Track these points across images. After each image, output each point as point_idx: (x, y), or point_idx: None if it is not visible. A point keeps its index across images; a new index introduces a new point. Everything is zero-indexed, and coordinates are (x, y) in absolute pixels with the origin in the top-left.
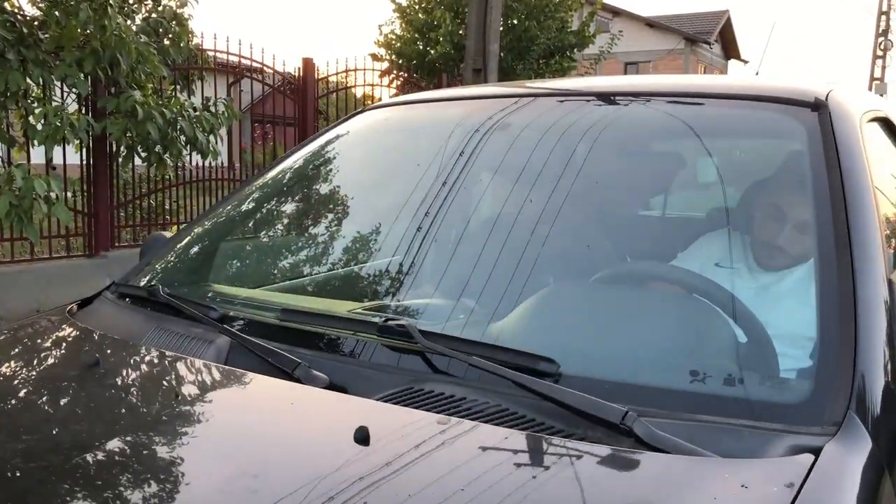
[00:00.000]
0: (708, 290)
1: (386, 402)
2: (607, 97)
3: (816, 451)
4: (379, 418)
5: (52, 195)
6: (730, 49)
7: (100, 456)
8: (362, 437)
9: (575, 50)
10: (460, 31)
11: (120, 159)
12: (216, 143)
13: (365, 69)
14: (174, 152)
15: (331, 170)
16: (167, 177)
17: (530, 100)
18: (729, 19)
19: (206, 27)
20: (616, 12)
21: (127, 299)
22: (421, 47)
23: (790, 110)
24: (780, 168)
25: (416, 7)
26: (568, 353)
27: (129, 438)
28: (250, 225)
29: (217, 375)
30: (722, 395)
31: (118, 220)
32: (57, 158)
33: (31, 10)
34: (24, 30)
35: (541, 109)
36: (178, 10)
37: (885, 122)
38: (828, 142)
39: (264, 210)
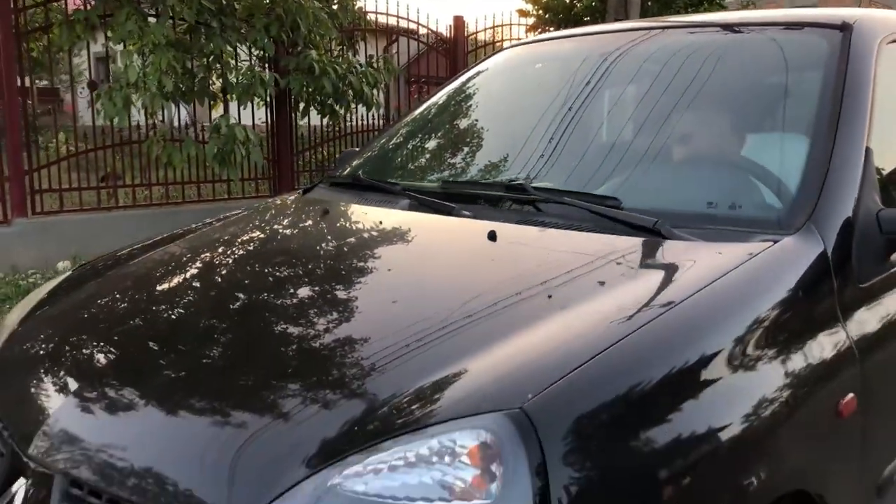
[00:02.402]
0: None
1: (508, 224)
2: (674, 29)
3: (776, 241)
4: (503, 230)
5: (250, 137)
6: None
7: (328, 257)
8: (492, 235)
9: None
10: None
11: (299, 111)
12: (379, 96)
13: (511, 24)
14: (344, 104)
15: (483, 94)
16: (338, 128)
17: (614, 35)
18: None
19: None
20: None
21: (337, 187)
22: (568, 1)
23: (822, 32)
24: (811, 66)
25: None
26: (633, 198)
27: (351, 247)
28: (415, 137)
29: (405, 215)
30: (727, 216)
31: (297, 167)
32: (245, 117)
33: None
34: (223, 1)
35: (617, 41)
36: None
37: None
38: (843, 54)
39: (426, 127)
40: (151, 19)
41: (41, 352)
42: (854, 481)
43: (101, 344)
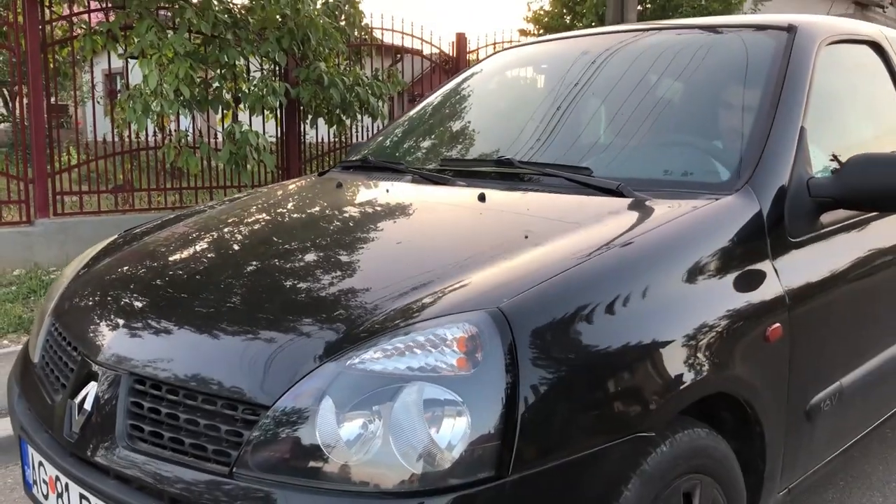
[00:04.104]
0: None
1: (496, 189)
2: (654, 31)
3: (717, 199)
4: (492, 193)
5: (261, 144)
6: None
7: (341, 215)
8: (481, 196)
9: None
10: (605, 5)
11: (308, 120)
12: (384, 107)
13: (512, 41)
14: (351, 114)
15: (475, 92)
16: (343, 139)
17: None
18: None
19: (371, 7)
20: None
21: (348, 169)
22: (568, 21)
23: (772, 32)
24: (758, 60)
25: None
26: (602, 169)
27: (361, 207)
28: (417, 128)
29: (408, 186)
30: (679, 181)
31: (306, 174)
32: (256, 126)
33: (239, 0)
34: (238, 14)
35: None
36: None
37: (847, 42)
38: (787, 50)
39: (426, 120)
40: (169, 32)
41: (100, 291)
42: (782, 400)
43: (154, 282)
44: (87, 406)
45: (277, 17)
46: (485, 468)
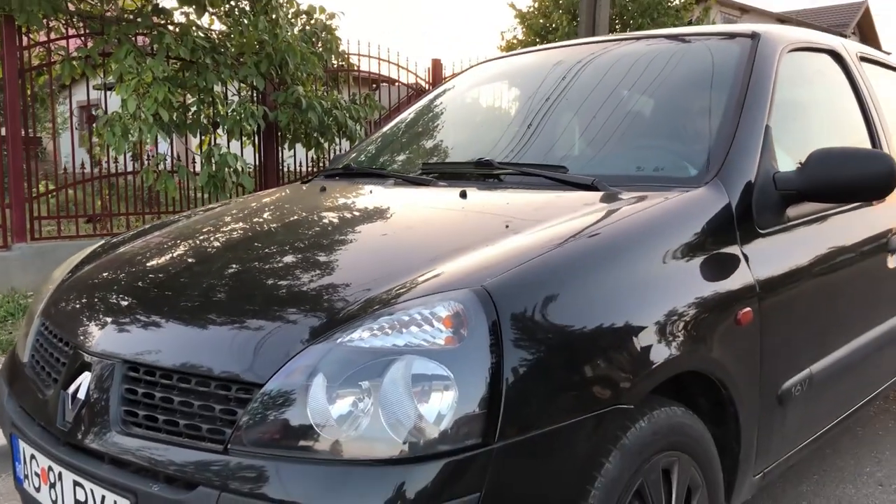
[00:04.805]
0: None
1: (476, 189)
2: (626, 41)
3: (687, 191)
4: (473, 192)
5: (239, 167)
6: (869, 40)
7: (326, 214)
8: (463, 194)
9: None
10: (576, 33)
11: (286, 144)
12: (361, 131)
13: None
14: (329, 137)
15: (453, 102)
16: (321, 164)
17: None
18: (868, 10)
19: (349, 34)
20: (744, 9)
21: (331, 177)
22: None
23: (737, 39)
24: (724, 64)
25: (536, 12)
26: (578, 167)
27: (346, 207)
28: (398, 137)
29: (391, 188)
30: (651, 176)
31: None
32: (235, 149)
33: (218, 26)
34: (216, 40)
35: (588, 51)
36: (328, 22)
37: (808, 51)
38: (751, 56)
39: (406, 129)
40: (148, 58)
41: (92, 290)
42: (755, 383)
43: (145, 278)
44: (81, 395)
45: (255, 42)
46: (471, 437)
